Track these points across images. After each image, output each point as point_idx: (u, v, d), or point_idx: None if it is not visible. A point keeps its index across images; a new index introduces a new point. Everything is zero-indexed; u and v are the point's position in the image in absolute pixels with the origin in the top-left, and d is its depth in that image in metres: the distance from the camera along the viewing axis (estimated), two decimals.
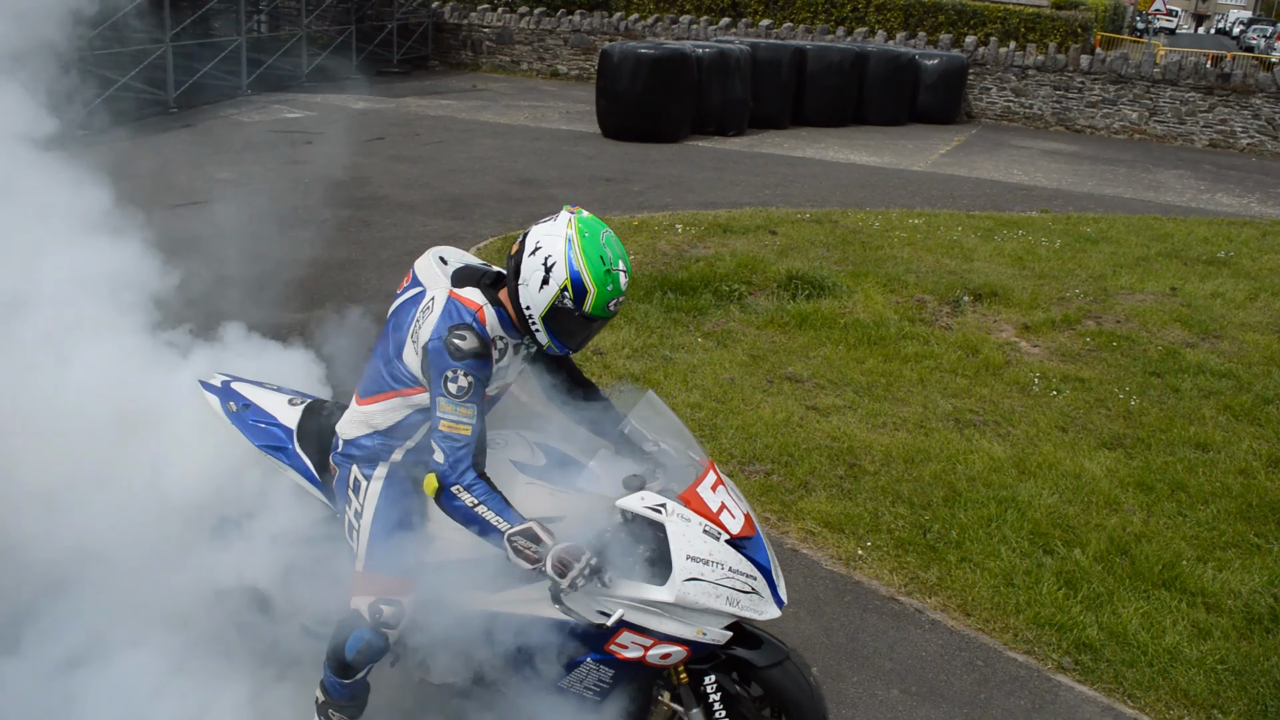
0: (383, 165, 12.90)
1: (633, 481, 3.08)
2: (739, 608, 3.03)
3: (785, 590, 3.18)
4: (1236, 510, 5.67)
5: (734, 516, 3.12)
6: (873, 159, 15.95)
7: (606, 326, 3.19)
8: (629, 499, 3.03)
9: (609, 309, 3.01)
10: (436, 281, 3.15)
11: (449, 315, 3.02)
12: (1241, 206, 14.34)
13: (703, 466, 3.20)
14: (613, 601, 2.99)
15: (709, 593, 2.98)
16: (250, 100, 17.21)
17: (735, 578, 3.03)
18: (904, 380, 7.10)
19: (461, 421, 2.94)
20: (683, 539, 2.99)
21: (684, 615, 3.01)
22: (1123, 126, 20.68)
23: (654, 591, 2.99)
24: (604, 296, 2.98)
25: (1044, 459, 6.07)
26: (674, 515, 3.01)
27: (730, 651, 3.15)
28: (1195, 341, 8.22)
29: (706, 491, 3.11)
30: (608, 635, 3.06)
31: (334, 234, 9.78)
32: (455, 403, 2.94)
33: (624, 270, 3.01)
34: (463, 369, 2.94)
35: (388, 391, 3.19)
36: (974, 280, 9.20)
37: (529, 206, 11.20)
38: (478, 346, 2.97)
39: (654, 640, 3.04)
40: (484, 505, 2.93)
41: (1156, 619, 4.67)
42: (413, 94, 19.39)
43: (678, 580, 2.96)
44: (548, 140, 15.47)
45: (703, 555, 2.99)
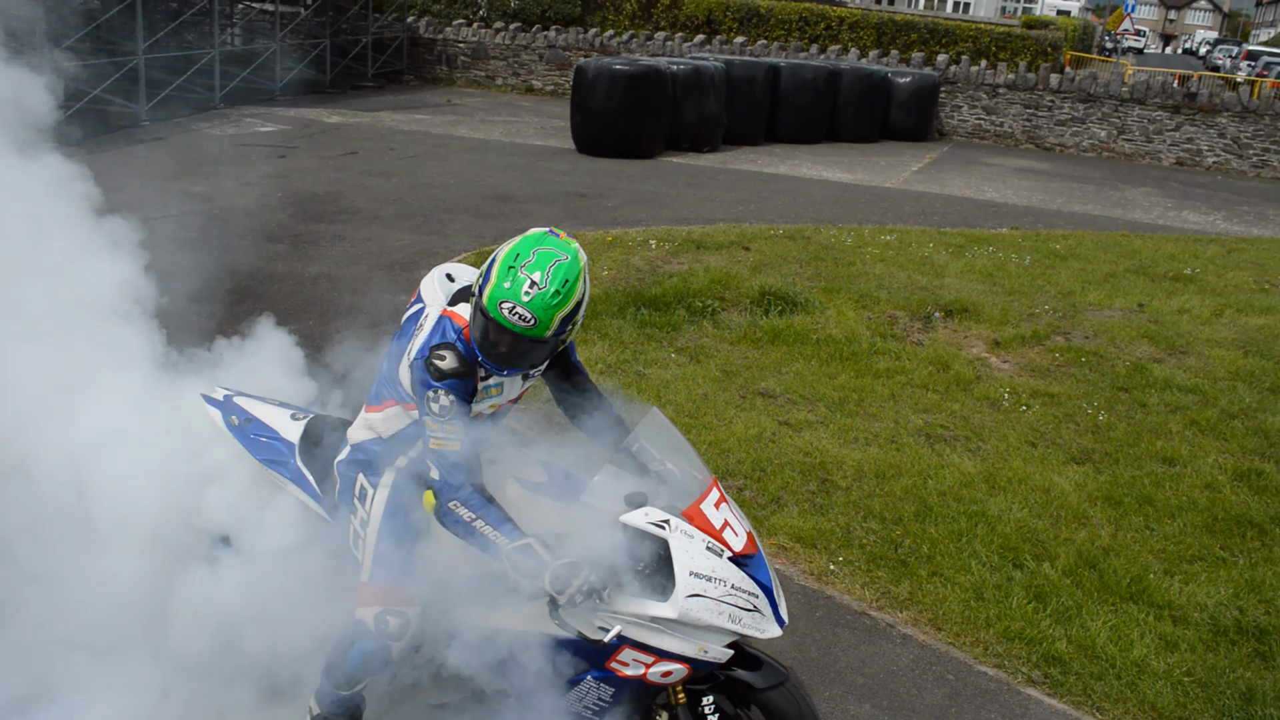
0: (356, 179, 12.88)
1: (635, 498, 3.07)
2: (741, 625, 3.02)
3: (786, 610, 3.17)
4: (1202, 524, 5.74)
5: (736, 534, 3.11)
6: (846, 176, 16.07)
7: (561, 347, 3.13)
8: (632, 515, 3.03)
9: (501, 309, 2.89)
10: (436, 298, 3.16)
11: (435, 333, 3.03)
12: (1207, 224, 14.53)
13: (706, 484, 3.19)
14: (613, 618, 2.98)
15: (711, 609, 2.98)
16: (223, 113, 17.15)
17: (738, 595, 3.02)
18: (876, 396, 7.15)
19: (449, 439, 2.95)
20: (686, 555, 2.99)
21: (686, 632, 3.00)
22: (1092, 144, 20.93)
23: (657, 607, 2.98)
24: (497, 292, 2.89)
25: (1014, 474, 6.12)
26: (677, 531, 3.01)
27: (729, 672, 3.14)
28: (1162, 357, 8.32)
29: (710, 508, 3.11)
30: (609, 653, 3.05)
31: (306, 248, 9.76)
32: (440, 421, 2.95)
33: (535, 282, 2.88)
34: (443, 389, 2.94)
35: (389, 400, 3.22)
36: (945, 296, 9.28)
37: (503, 221, 11.21)
38: (457, 366, 2.97)
39: (655, 657, 3.03)
40: (482, 520, 2.92)
41: (1124, 632, 4.72)
42: (387, 108, 19.38)
43: (681, 596, 2.96)
44: (522, 155, 15.49)
45: (706, 572, 2.98)
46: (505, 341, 2.97)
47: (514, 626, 3.12)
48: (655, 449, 3.26)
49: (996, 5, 50.78)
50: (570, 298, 2.94)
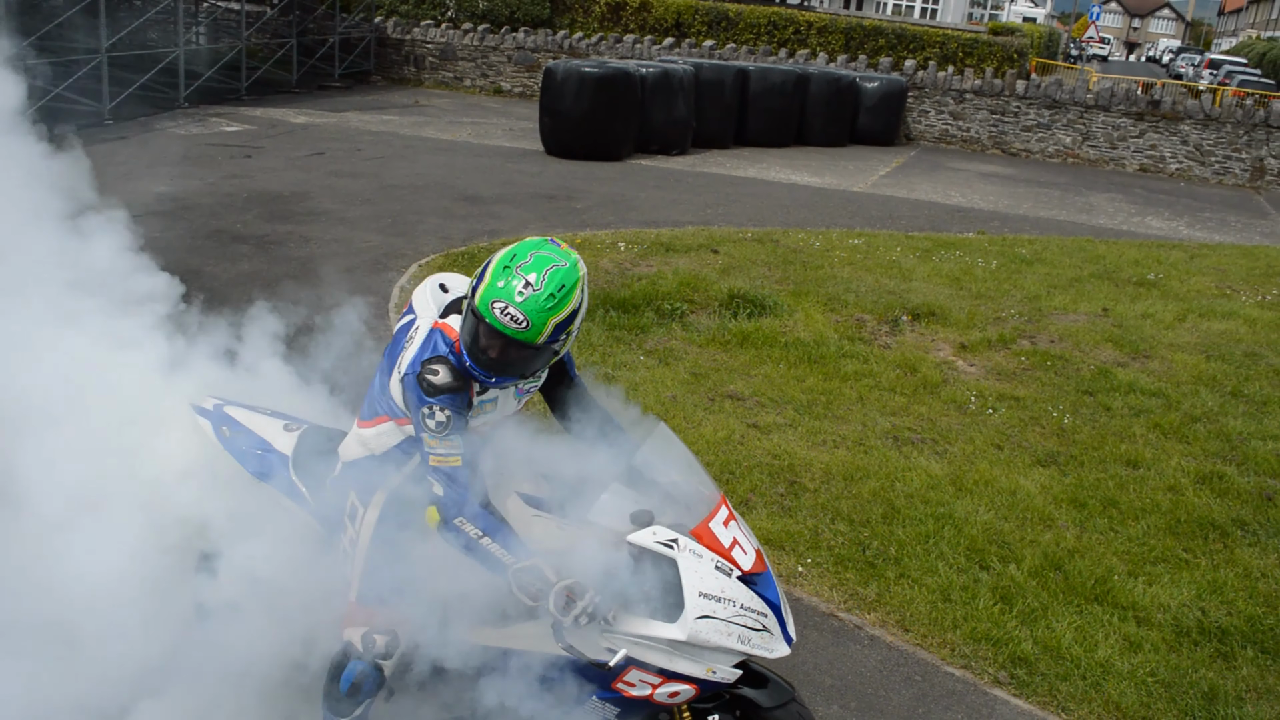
0: (323, 180, 12.78)
1: (642, 516, 3.01)
2: (750, 646, 2.98)
3: (794, 627, 3.12)
4: (1166, 526, 5.79)
5: (745, 553, 3.06)
6: (814, 179, 16.13)
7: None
8: (640, 534, 2.96)
9: (493, 309, 2.80)
10: (427, 310, 3.10)
11: (425, 347, 2.96)
12: (1171, 230, 14.71)
13: (714, 501, 3.12)
14: (620, 639, 2.92)
15: (721, 631, 2.92)
16: (188, 113, 16.98)
17: (747, 615, 2.97)
18: (843, 398, 7.17)
19: (450, 454, 2.87)
20: (695, 575, 2.93)
21: (694, 653, 2.95)
22: (1057, 150, 21.13)
23: (665, 629, 2.92)
24: (491, 291, 2.81)
25: (980, 476, 6.16)
26: (686, 551, 2.95)
27: (735, 690, 3.09)
28: (1126, 361, 8.40)
29: (718, 527, 3.05)
30: (614, 673, 2.99)
31: (272, 249, 9.67)
32: (438, 437, 2.87)
33: (530, 283, 2.80)
34: (437, 404, 2.86)
35: (382, 416, 3.14)
36: (912, 300, 9.33)
37: (471, 223, 11.17)
38: (450, 380, 2.88)
39: (663, 678, 2.98)
40: (488, 538, 2.85)
41: (1089, 633, 4.75)
42: (354, 109, 19.25)
43: (690, 618, 2.90)
44: (490, 157, 15.44)
45: (715, 592, 2.93)
46: (496, 346, 2.88)
47: (517, 646, 3.06)
48: (662, 465, 3.19)
49: (964, 11, 51.20)
50: (565, 304, 2.85)
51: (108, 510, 3.34)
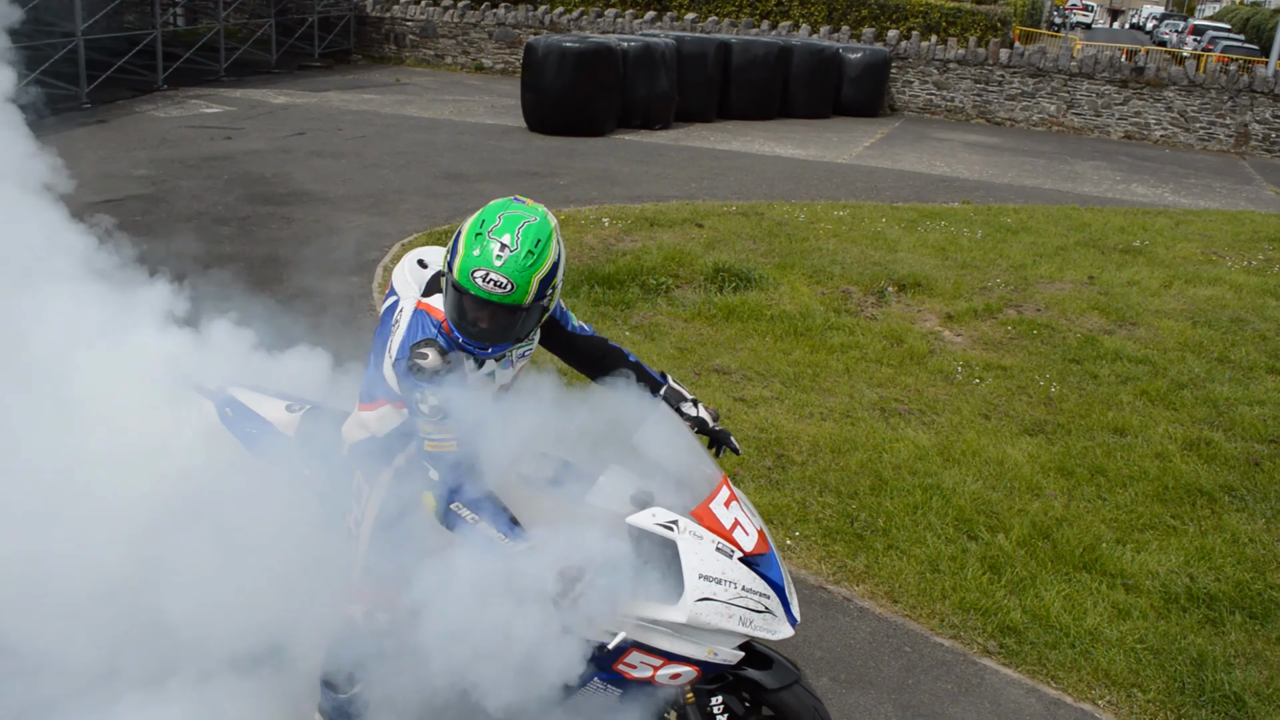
0: (304, 160, 12.67)
1: (642, 497, 2.98)
2: (752, 628, 2.94)
3: (798, 608, 3.09)
4: (1153, 493, 5.80)
5: (747, 534, 3.02)
6: (798, 152, 16.06)
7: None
8: (639, 516, 2.92)
9: (474, 278, 2.76)
10: (408, 290, 3.05)
11: (413, 330, 2.91)
12: (1156, 197, 14.70)
13: (715, 482, 3.08)
14: (619, 622, 2.89)
15: (721, 613, 2.89)
16: (167, 95, 16.81)
17: (748, 597, 2.94)
18: (830, 370, 7.15)
19: (445, 439, 2.82)
20: (695, 557, 2.89)
21: (695, 635, 2.91)
22: (1041, 119, 21.08)
23: (665, 611, 2.89)
24: (468, 260, 2.77)
25: (968, 446, 6.15)
26: (686, 533, 2.91)
27: (739, 672, 3.06)
28: (1112, 328, 8.40)
29: (719, 508, 3.01)
30: (615, 655, 2.96)
31: (254, 230, 9.58)
32: (432, 422, 2.81)
33: (506, 245, 2.76)
34: (429, 389, 2.80)
35: (380, 399, 3.10)
36: (898, 271, 9.30)
37: (454, 201, 11.08)
38: (441, 362, 2.82)
39: (664, 660, 2.95)
40: (485, 521, 2.82)
41: (1078, 601, 4.76)
42: (335, 88, 19.09)
43: (690, 600, 2.87)
44: (472, 134, 15.32)
45: (715, 574, 2.90)
46: (484, 316, 2.83)
47: (517, 629, 3.00)
48: (662, 446, 3.13)
49: None
50: (544, 258, 2.80)
51: (107, 491, 3.29)
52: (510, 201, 2.88)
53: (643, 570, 2.92)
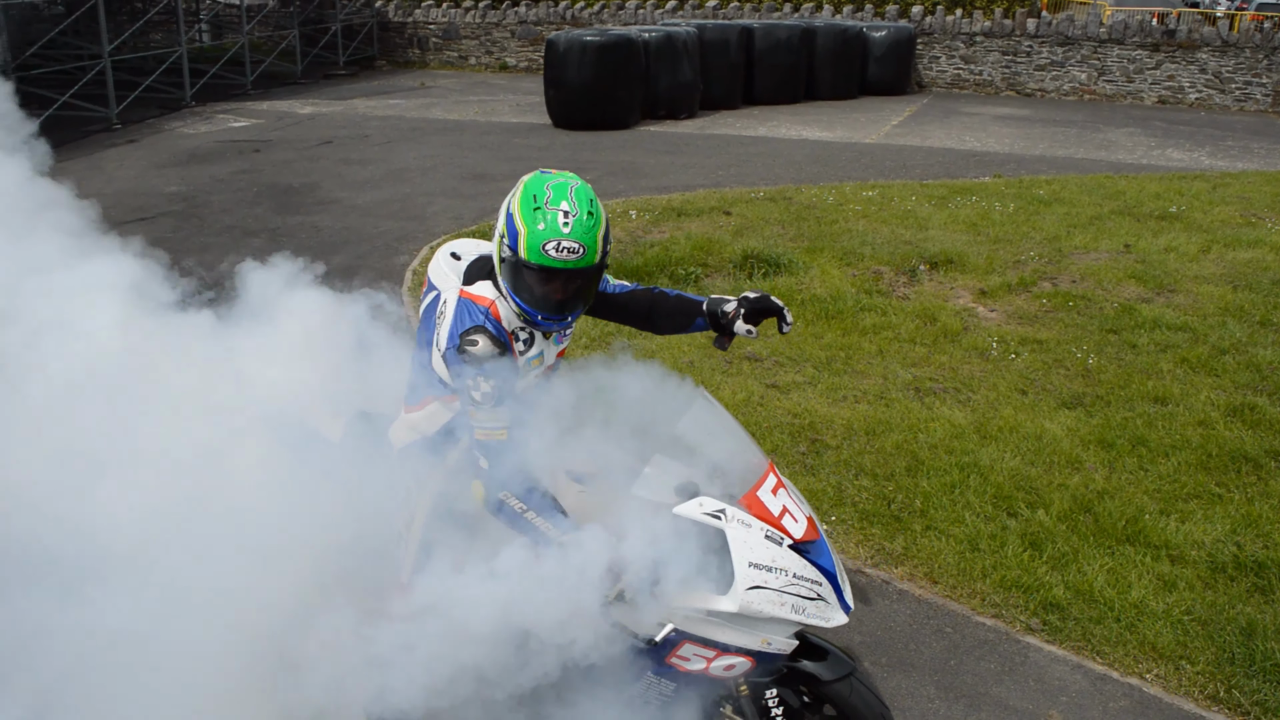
0: (332, 169, 12.76)
1: (688, 488, 2.94)
2: (805, 615, 2.90)
3: (851, 595, 3.04)
4: (1197, 461, 5.69)
5: (796, 520, 2.98)
6: (825, 134, 15.94)
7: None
8: (686, 506, 2.88)
9: (546, 251, 2.78)
10: (448, 281, 3.04)
11: (460, 319, 2.90)
12: (1192, 160, 14.43)
13: (762, 469, 3.04)
14: (671, 613, 2.85)
15: (773, 601, 2.85)
16: (195, 111, 16.99)
17: (800, 584, 2.89)
18: (863, 352, 7.09)
19: (495, 427, 2.81)
20: (744, 545, 2.85)
21: (748, 625, 2.88)
22: (1072, 88, 20.78)
23: (716, 601, 2.85)
24: (536, 236, 2.78)
25: (1005, 422, 6.07)
26: (734, 521, 2.87)
27: (793, 664, 3.02)
28: (1150, 297, 8.26)
29: (767, 495, 2.97)
30: (668, 648, 2.92)
31: (284, 240, 9.66)
32: (483, 409, 2.81)
33: (568, 211, 2.79)
34: (481, 375, 2.80)
35: (428, 398, 3.09)
36: (929, 249, 9.20)
37: (481, 201, 11.11)
38: (491, 348, 2.83)
39: (717, 652, 2.91)
40: (534, 512, 2.80)
41: (1122, 574, 4.68)
42: (360, 95, 19.20)
43: (740, 589, 2.83)
44: (498, 134, 15.35)
45: (765, 562, 2.86)
46: (559, 286, 2.85)
47: (568, 622, 2.95)
48: (706, 434, 3.09)
49: None
50: (600, 216, 2.87)
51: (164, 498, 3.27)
52: (544, 174, 2.90)
53: (692, 561, 2.88)
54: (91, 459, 3.22)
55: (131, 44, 18.18)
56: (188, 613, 3.11)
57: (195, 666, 3.17)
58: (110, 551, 3.11)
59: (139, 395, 3.37)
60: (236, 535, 3.12)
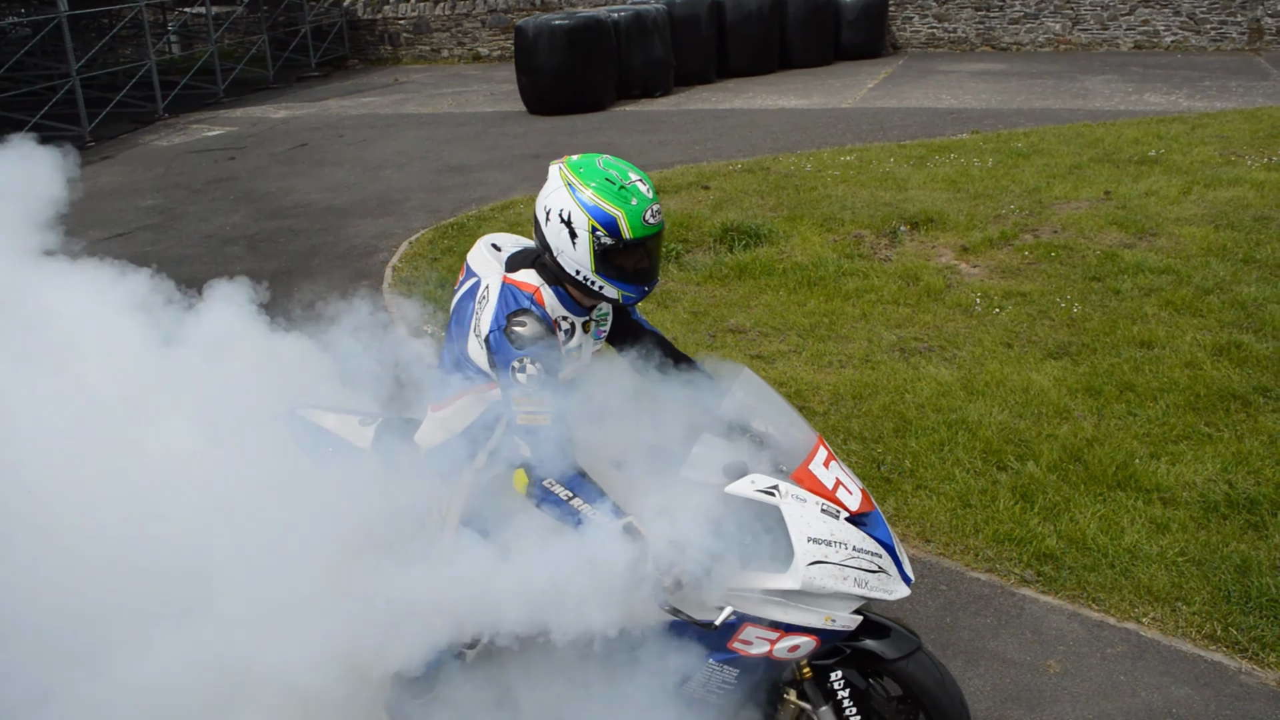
0: (307, 171, 12.69)
1: (736, 466, 2.87)
2: (868, 589, 2.83)
3: (910, 567, 2.98)
4: (1185, 403, 5.67)
5: (851, 493, 2.93)
6: (801, 102, 15.86)
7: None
8: (738, 484, 2.82)
9: (647, 221, 2.83)
10: (490, 269, 3.00)
11: (505, 302, 2.87)
12: (1170, 104, 14.37)
13: (812, 442, 2.99)
14: (729, 597, 2.79)
15: (835, 575, 2.79)
16: (168, 123, 16.88)
17: (860, 557, 2.83)
18: (846, 317, 7.06)
19: (539, 411, 2.76)
20: (800, 521, 2.79)
21: (810, 602, 2.81)
22: (1047, 39, 20.68)
23: (776, 580, 2.79)
24: (635, 213, 2.81)
25: (991, 377, 6.05)
26: (788, 496, 2.81)
27: (856, 644, 2.96)
28: (1132, 242, 8.22)
29: (819, 468, 2.91)
30: (729, 632, 2.86)
31: (262, 247, 9.62)
32: (527, 393, 2.77)
33: (640, 179, 2.87)
34: (528, 357, 2.77)
35: (460, 391, 3.03)
36: (909, 209, 9.16)
37: (459, 193, 11.06)
38: (540, 330, 2.80)
39: (780, 632, 2.84)
40: (579, 498, 2.75)
41: (1114, 520, 4.67)
42: (334, 96, 19.09)
43: (801, 565, 2.76)
44: (473, 124, 15.27)
45: (824, 536, 2.79)
46: (652, 250, 2.92)
47: (624, 610, 2.89)
48: (751, 411, 3.04)
49: None
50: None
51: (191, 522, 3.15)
52: (584, 155, 2.94)
53: (749, 540, 2.83)
54: (133, 483, 3.13)
55: (101, 60, 18.05)
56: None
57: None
58: (179, 572, 3.04)
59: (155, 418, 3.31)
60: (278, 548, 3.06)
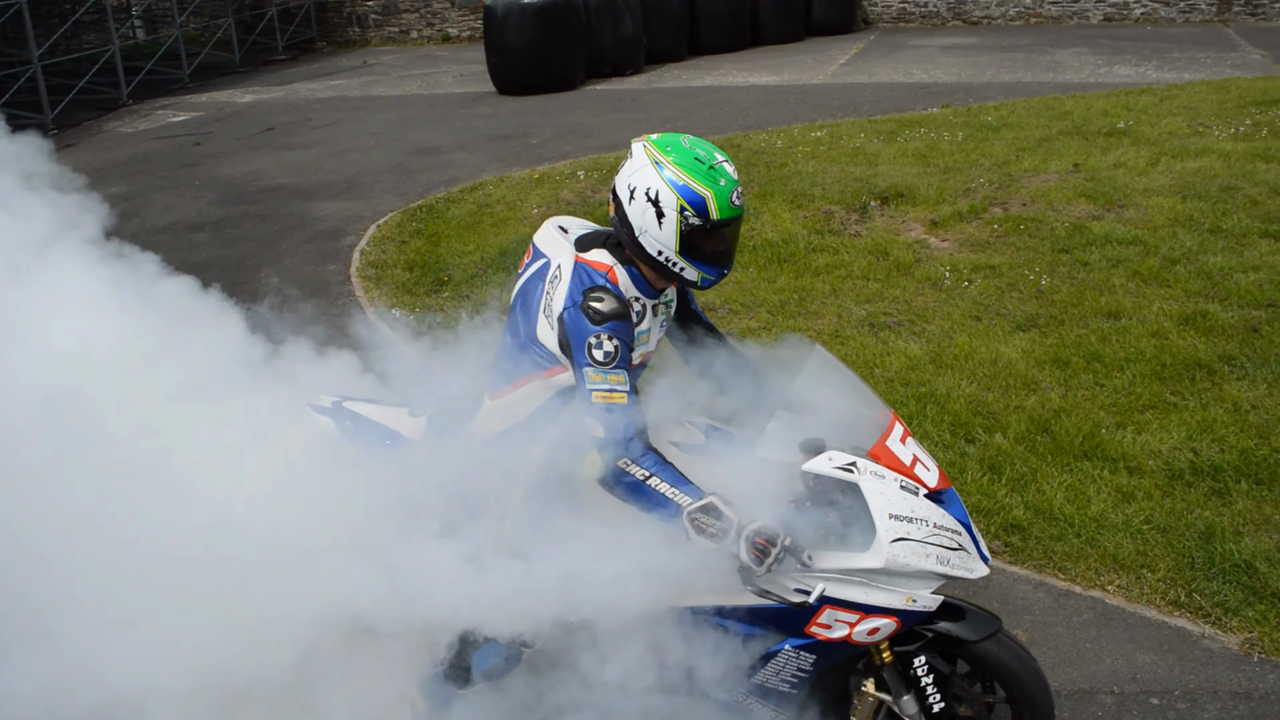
0: (274, 155, 12.56)
1: (814, 443, 2.81)
2: (950, 567, 2.77)
3: (986, 546, 2.93)
4: (1151, 372, 5.70)
5: (929, 469, 2.89)
6: (772, 78, 15.81)
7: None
8: (816, 461, 2.76)
9: (733, 203, 2.84)
10: (560, 249, 2.94)
11: (580, 280, 2.82)
12: (1139, 75, 14.41)
13: (887, 419, 2.95)
14: (812, 577, 2.74)
15: (918, 553, 2.72)
16: (133, 110, 16.66)
17: (942, 534, 2.77)
18: (817, 293, 7.05)
19: (615, 389, 2.70)
20: (881, 498, 2.73)
21: (891, 582, 2.75)
22: (1018, 12, 20.68)
23: (859, 559, 2.73)
24: (723, 194, 2.81)
25: (960, 350, 6.06)
26: (867, 473, 2.75)
27: (934, 627, 2.90)
28: (1101, 214, 8.24)
29: (896, 444, 2.86)
30: (807, 617, 2.81)
31: (228, 232, 9.52)
32: (604, 370, 2.71)
33: (725, 160, 2.86)
34: (605, 332, 2.72)
35: (523, 377, 2.95)
36: (879, 184, 9.15)
37: (429, 175, 10.98)
38: (617, 307, 2.76)
39: (860, 614, 2.78)
40: (657, 478, 2.67)
41: (1081, 490, 4.69)
42: (301, 79, 18.90)
43: (884, 542, 2.70)
44: (442, 106, 15.15)
45: (905, 513, 2.74)
46: (732, 234, 2.92)
47: (695, 603, 2.86)
48: (825, 388, 2.98)
49: None
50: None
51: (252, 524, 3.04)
52: (668, 134, 2.93)
53: (828, 519, 2.80)
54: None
55: (63, 46, 17.79)
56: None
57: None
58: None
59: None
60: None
